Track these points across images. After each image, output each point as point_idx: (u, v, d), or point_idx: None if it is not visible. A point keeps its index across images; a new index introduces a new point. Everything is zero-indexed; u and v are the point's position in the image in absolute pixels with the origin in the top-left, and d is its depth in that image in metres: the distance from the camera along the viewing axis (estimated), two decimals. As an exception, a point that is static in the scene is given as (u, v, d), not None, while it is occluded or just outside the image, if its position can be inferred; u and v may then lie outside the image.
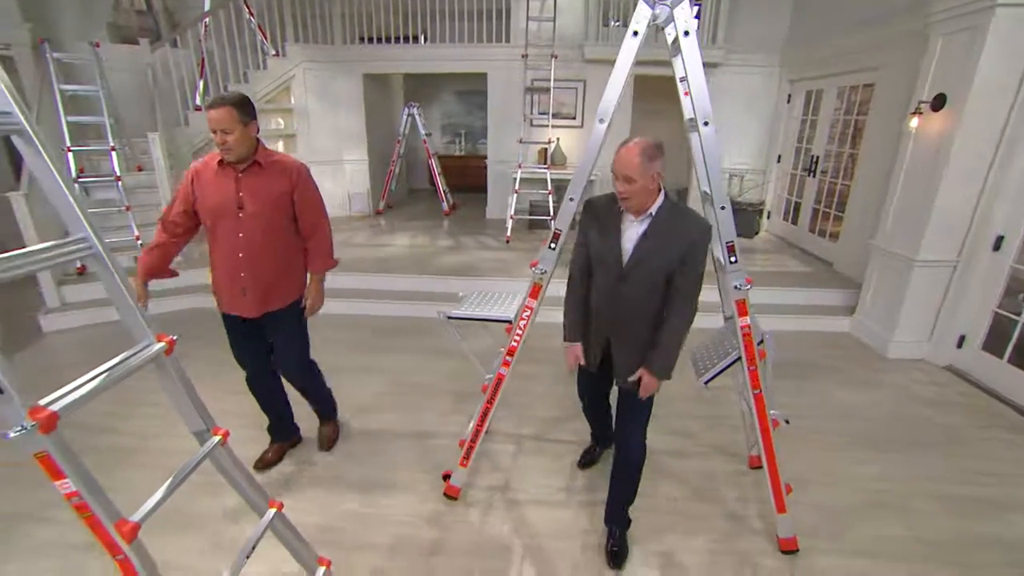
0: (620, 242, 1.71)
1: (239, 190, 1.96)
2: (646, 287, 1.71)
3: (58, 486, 1.01)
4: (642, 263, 1.68)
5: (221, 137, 1.84)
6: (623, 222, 1.72)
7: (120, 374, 1.15)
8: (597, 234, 1.76)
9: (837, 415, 2.97)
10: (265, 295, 2.10)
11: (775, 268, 4.93)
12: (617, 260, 1.71)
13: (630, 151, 1.59)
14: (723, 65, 5.87)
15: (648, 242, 1.68)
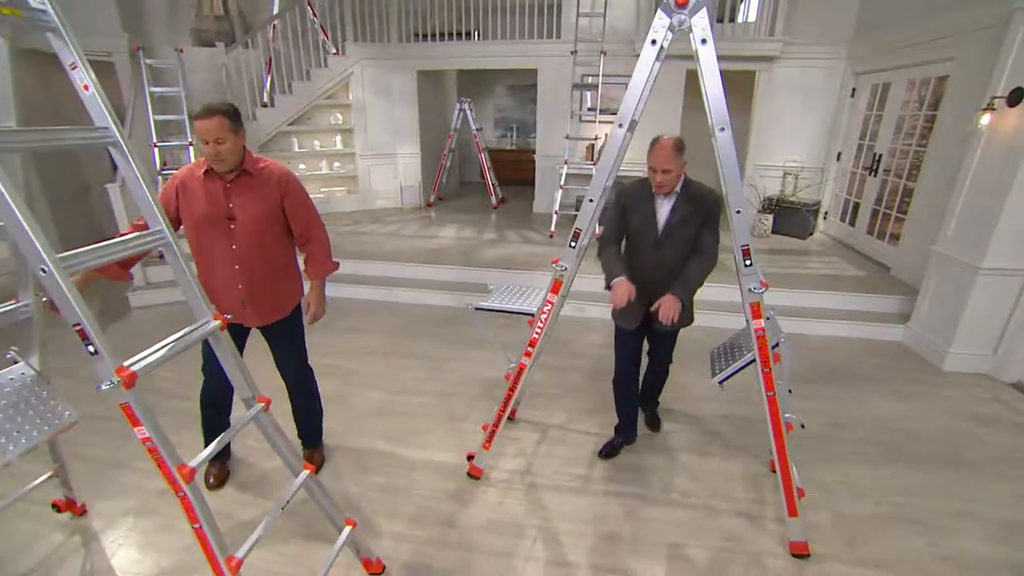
0: (656, 219, 2.17)
1: (229, 201, 1.92)
2: (677, 250, 2.18)
3: (136, 432, 1.23)
4: (674, 230, 2.16)
5: (214, 147, 1.82)
6: (655, 202, 2.18)
7: (184, 345, 1.37)
8: (635, 214, 2.20)
9: (874, 425, 2.87)
10: (268, 306, 2.10)
11: (827, 271, 4.73)
12: (654, 231, 2.18)
13: (665, 149, 2.03)
14: (781, 58, 5.62)
15: (677, 214, 2.15)
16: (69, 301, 1.13)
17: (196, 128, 1.84)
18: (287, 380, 2.34)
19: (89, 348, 1.16)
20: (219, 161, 1.86)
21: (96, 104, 1.30)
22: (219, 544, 1.31)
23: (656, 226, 2.17)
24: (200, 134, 1.83)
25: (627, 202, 2.24)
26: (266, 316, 2.12)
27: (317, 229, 2.15)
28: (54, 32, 1.26)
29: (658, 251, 2.19)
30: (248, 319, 2.10)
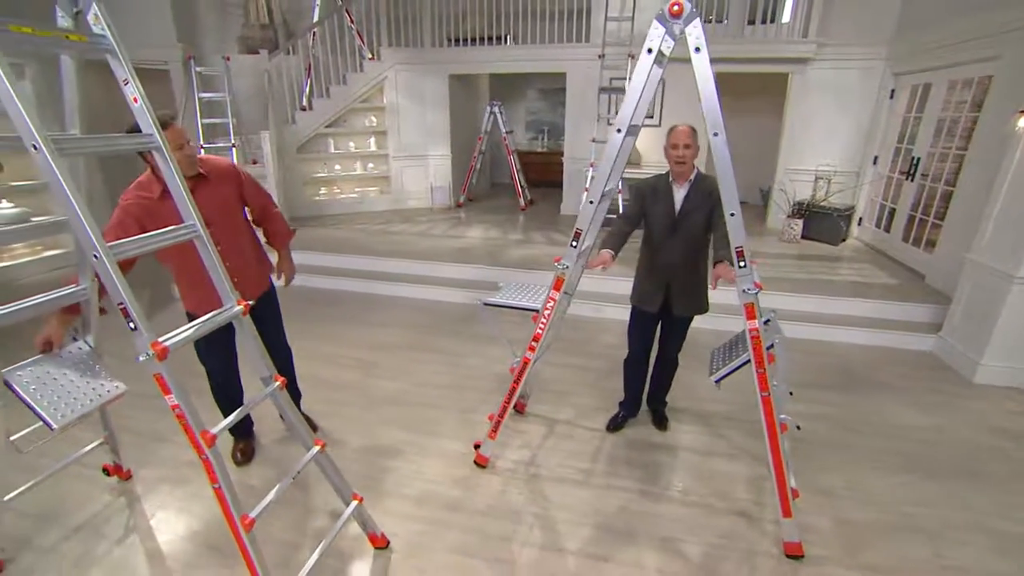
0: (673, 205, 2.37)
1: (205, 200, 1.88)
2: (692, 233, 2.36)
3: (167, 400, 1.41)
4: (687, 215, 2.34)
5: (188, 149, 1.93)
6: (672, 191, 2.38)
7: (210, 327, 1.54)
8: (653, 201, 2.41)
9: (891, 434, 2.82)
10: (254, 283, 2.26)
11: (858, 278, 4.61)
12: (671, 216, 2.38)
13: (684, 128, 2.29)
14: (814, 60, 5.50)
15: (690, 201, 2.34)
16: (115, 283, 1.31)
17: (172, 134, 1.82)
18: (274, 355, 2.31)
19: (130, 325, 1.34)
20: (191, 165, 1.96)
21: (144, 114, 1.49)
22: (235, 503, 1.47)
23: (673, 211, 2.37)
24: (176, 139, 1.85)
25: (646, 191, 2.45)
26: (255, 290, 2.28)
27: (272, 205, 2.39)
28: (111, 53, 1.46)
29: (673, 234, 2.39)
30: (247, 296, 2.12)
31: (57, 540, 2.08)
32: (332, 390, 3.19)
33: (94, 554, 2.02)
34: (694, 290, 2.49)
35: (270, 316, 2.43)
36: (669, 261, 2.42)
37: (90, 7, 1.41)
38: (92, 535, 2.11)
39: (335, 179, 6.98)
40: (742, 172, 8.17)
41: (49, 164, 1.22)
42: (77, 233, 1.28)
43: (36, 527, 2.14)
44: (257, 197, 2.29)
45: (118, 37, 1.45)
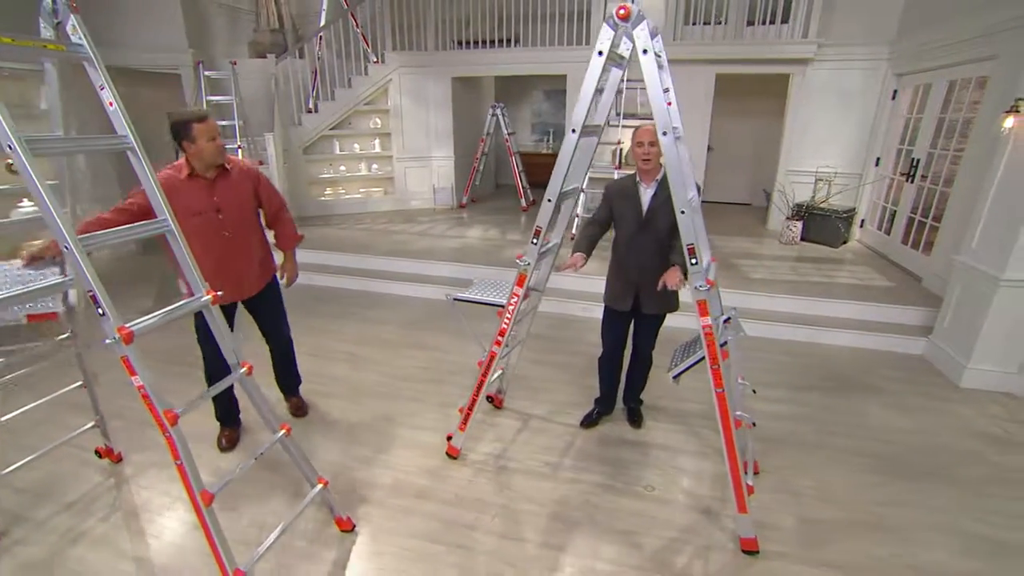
0: (640, 204, 2.40)
1: (213, 195, 2.21)
2: (659, 232, 2.38)
3: (132, 380, 1.51)
4: (655, 214, 2.37)
5: (219, 140, 2.16)
6: (639, 191, 2.41)
7: (179, 314, 1.65)
8: (621, 202, 2.45)
9: (864, 435, 2.81)
10: (256, 275, 2.46)
11: (855, 281, 4.56)
12: (638, 216, 2.41)
13: (650, 126, 2.23)
14: (815, 61, 5.46)
15: (657, 201, 2.37)
16: (84, 272, 1.42)
17: (205, 128, 2.10)
18: (274, 344, 2.74)
19: (99, 310, 1.45)
20: (220, 154, 2.18)
21: (118, 117, 1.61)
22: (195, 479, 1.57)
23: (640, 211, 2.40)
24: (210, 131, 2.13)
25: (614, 192, 2.50)
26: (257, 284, 2.49)
27: (284, 210, 2.56)
28: (88, 61, 1.57)
29: (641, 233, 2.42)
30: (247, 290, 2.46)
31: (48, 515, 2.22)
32: (319, 382, 3.29)
33: (80, 529, 2.15)
34: (664, 289, 2.52)
35: (270, 308, 2.62)
36: (638, 261, 2.46)
37: (68, 19, 1.53)
38: (81, 512, 2.24)
39: (340, 180, 7.15)
40: (745, 174, 8.26)
41: (23, 162, 1.34)
42: (49, 226, 1.39)
43: (31, 503, 2.28)
44: (271, 200, 2.47)
45: (94, 46, 1.56)
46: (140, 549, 2.06)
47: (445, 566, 1.99)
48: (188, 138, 2.11)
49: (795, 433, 2.83)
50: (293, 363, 2.90)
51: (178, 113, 2.13)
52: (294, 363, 2.91)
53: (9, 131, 1.33)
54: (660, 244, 2.42)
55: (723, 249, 5.41)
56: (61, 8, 1.54)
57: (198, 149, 2.12)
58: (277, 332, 2.72)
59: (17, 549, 2.06)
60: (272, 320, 2.66)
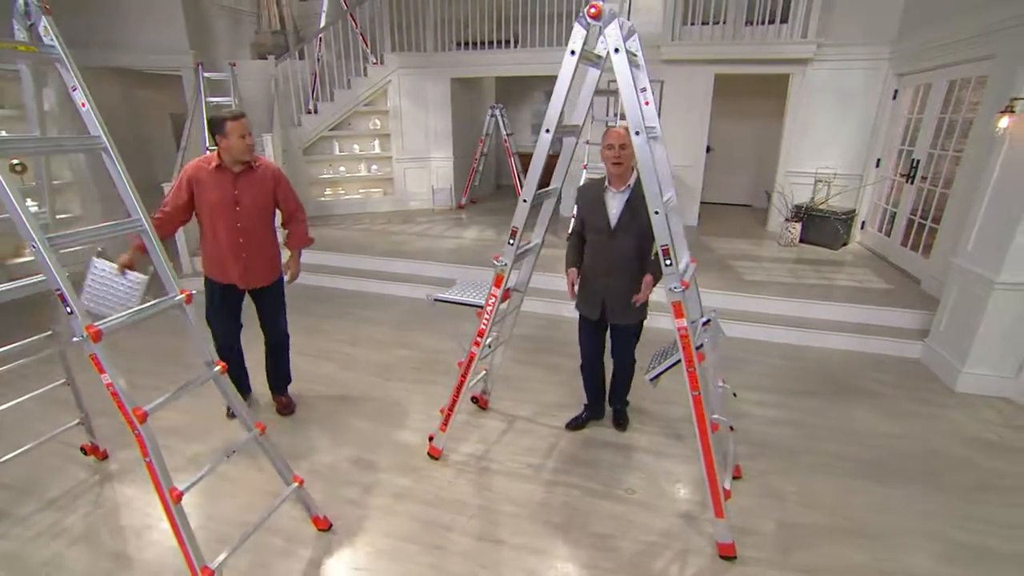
0: (607, 211, 2.30)
1: (235, 189, 2.42)
2: (628, 243, 2.27)
3: (103, 379, 1.52)
4: (624, 224, 2.26)
5: (250, 139, 2.36)
6: (607, 195, 2.31)
7: (150, 312, 1.66)
8: (591, 210, 2.34)
9: (853, 440, 2.77)
10: (264, 270, 2.62)
11: (852, 283, 4.51)
12: (606, 223, 2.30)
13: (618, 129, 2.17)
14: (815, 61, 5.41)
15: (628, 208, 2.26)
16: (51, 271, 1.43)
17: (237, 125, 2.31)
18: (269, 336, 2.84)
19: (67, 309, 1.46)
20: (247, 152, 2.38)
21: (91, 118, 1.63)
22: (164, 476, 1.57)
23: (608, 219, 2.29)
24: (241, 129, 2.32)
25: (582, 199, 2.41)
26: (263, 279, 2.65)
27: (300, 212, 2.69)
28: (60, 62, 1.59)
29: (611, 242, 2.31)
30: (250, 282, 2.62)
31: (31, 511, 2.25)
32: (308, 381, 3.30)
33: (62, 525, 2.17)
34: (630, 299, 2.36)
35: (272, 303, 2.78)
36: (604, 270, 2.37)
37: (40, 20, 1.55)
38: (63, 508, 2.27)
39: (340, 180, 7.19)
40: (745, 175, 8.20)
41: (-11, 162, 1.35)
42: (16, 224, 1.41)
43: (14, 498, 2.31)
44: (288, 201, 2.63)
45: (66, 48, 1.58)
46: (120, 545, 2.08)
47: (419, 566, 1.99)
48: (221, 133, 2.33)
49: (782, 437, 2.80)
50: (286, 360, 2.97)
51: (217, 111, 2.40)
52: (287, 360, 2.97)
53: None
54: (630, 254, 2.30)
55: (719, 251, 5.38)
56: (33, 10, 1.56)
57: (228, 144, 2.34)
58: (275, 326, 2.83)
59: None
60: (272, 314, 2.80)
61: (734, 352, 3.74)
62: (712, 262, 4.98)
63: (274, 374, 2.96)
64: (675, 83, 5.99)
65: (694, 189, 6.37)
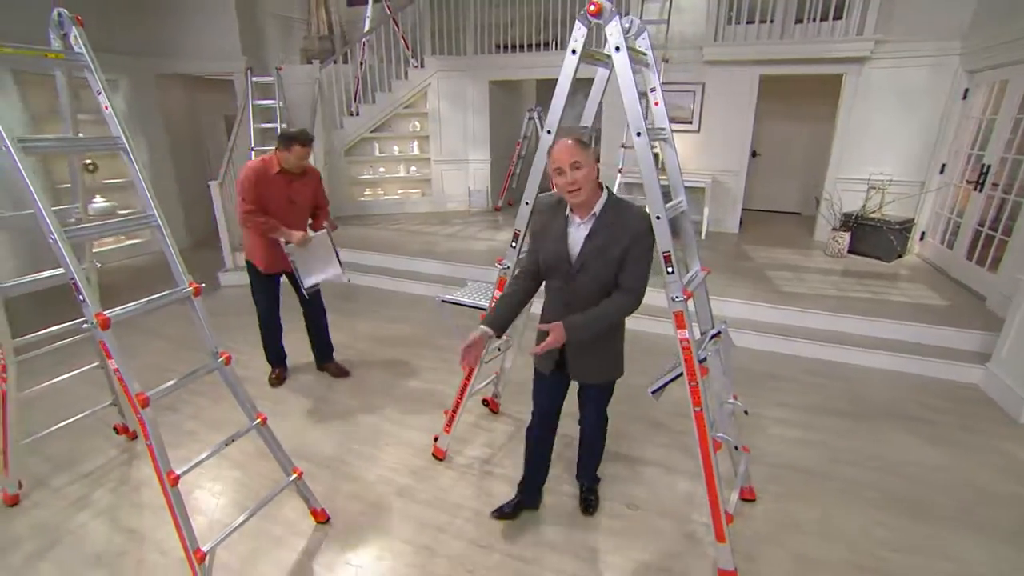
0: (567, 246, 1.74)
1: (290, 190, 2.88)
2: (594, 287, 1.73)
3: (110, 364, 1.62)
4: (588, 264, 1.71)
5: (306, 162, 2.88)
6: (570, 225, 1.76)
7: (159, 303, 1.75)
8: (543, 237, 1.82)
9: (885, 468, 2.55)
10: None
11: (904, 299, 4.16)
12: (566, 260, 1.75)
13: (565, 142, 1.64)
14: (872, 59, 5.04)
15: (593, 242, 1.70)
16: (67, 261, 1.54)
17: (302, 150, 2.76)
18: (310, 310, 3.27)
19: (79, 297, 1.57)
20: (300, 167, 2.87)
21: (113, 120, 1.74)
22: (163, 460, 1.66)
23: (568, 254, 1.74)
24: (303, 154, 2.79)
25: (537, 224, 1.87)
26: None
27: (325, 204, 3.19)
28: (87, 68, 1.71)
29: (571, 284, 1.75)
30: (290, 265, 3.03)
31: (65, 483, 2.43)
32: (326, 376, 3.41)
33: (90, 498, 2.34)
34: (599, 350, 1.86)
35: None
36: (564, 315, 1.74)
37: (71, 30, 1.67)
38: (93, 483, 2.44)
39: (379, 181, 7.39)
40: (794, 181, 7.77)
41: (14, 160, 1.47)
42: (38, 218, 1.52)
43: (52, 470, 2.51)
44: (321, 197, 3.14)
45: (93, 55, 1.70)
46: (135, 522, 2.21)
47: (406, 566, 1.99)
48: (287, 147, 2.75)
49: (804, 459, 2.62)
50: (326, 330, 3.40)
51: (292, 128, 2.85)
52: (327, 330, 3.40)
53: (3, 132, 1.47)
54: (597, 296, 1.74)
55: (759, 260, 5.11)
56: (66, 21, 1.68)
57: (287, 157, 2.78)
58: (316, 301, 3.25)
59: (34, 511, 2.27)
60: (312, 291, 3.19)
61: (760, 366, 3.55)
62: (749, 271, 4.74)
63: (319, 344, 3.40)
64: (717, 85, 5.76)
65: (736, 195, 6.10)
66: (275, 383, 3.31)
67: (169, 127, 6.11)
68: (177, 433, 2.80)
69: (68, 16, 1.69)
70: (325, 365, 3.46)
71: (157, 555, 2.03)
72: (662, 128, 1.94)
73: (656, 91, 1.93)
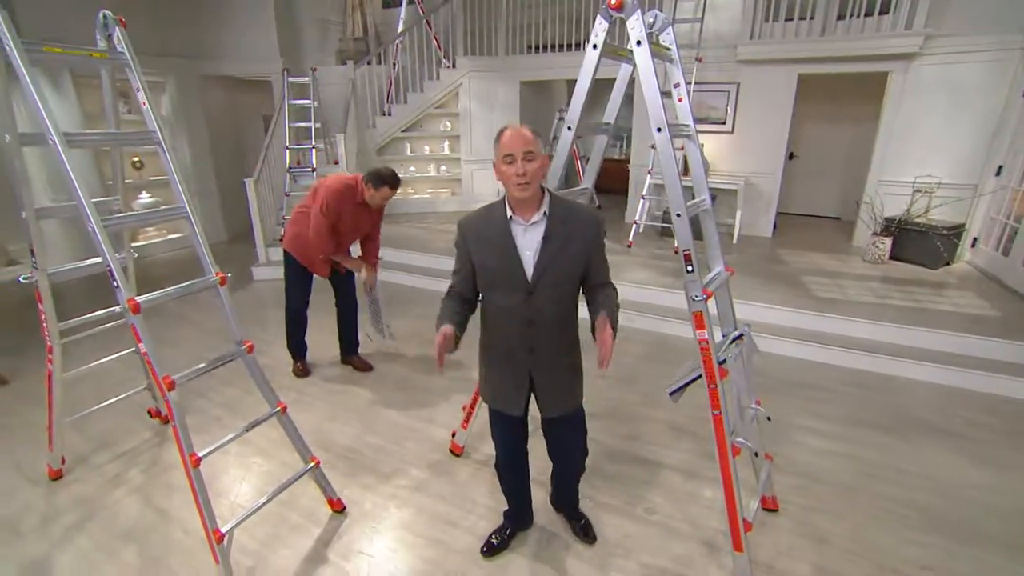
0: (517, 253, 1.52)
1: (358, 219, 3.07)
2: (558, 295, 1.56)
3: (140, 347, 1.70)
4: (551, 268, 1.52)
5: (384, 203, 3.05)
6: (514, 231, 1.53)
7: (185, 291, 1.82)
8: (486, 252, 1.56)
9: (926, 487, 2.41)
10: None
11: (950, 307, 3.94)
12: (521, 274, 1.53)
13: (519, 129, 1.50)
14: (921, 55, 4.79)
15: (551, 244, 1.51)
16: (103, 248, 1.62)
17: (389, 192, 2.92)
18: (345, 306, 3.43)
19: (113, 283, 1.65)
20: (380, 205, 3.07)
21: (149, 115, 1.82)
22: (187, 442, 1.72)
23: (522, 267, 1.53)
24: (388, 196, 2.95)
25: (471, 238, 1.58)
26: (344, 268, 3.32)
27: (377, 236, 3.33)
28: (128, 67, 1.80)
29: (530, 301, 1.53)
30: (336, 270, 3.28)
31: (104, 460, 2.57)
32: (350, 371, 3.49)
33: (125, 476, 2.46)
34: (568, 375, 1.72)
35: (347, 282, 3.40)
36: (526, 343, 1.58)
37: (115, 31, 1.77)
38: (129, 462, 2.56)
39: (410, 180, 7.49)
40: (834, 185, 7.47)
41: (59, 152, 1.56)
42: (79, 208, 1.61)
43: (94, 448, 2.65)
44: (377, 227, 3.28)
45: (133, 54, 1.79)
46: (164, 501, 2.31)
47: (418, 558, 2.01)
48: (377, 187, 2.91)
49: (835, 472, 2.50)
50: (356, 324, 3.51)
51: (385, 169, 2.95)
52: (356, 324, 3.51)
53: (51, 127, 1.56)
54: (561, 312, 1.58)
55: (793, 264, 4.93)
56: (110, 23, 1.78)
57: (371, 195, 2.94)
58: (350, 297, 3.42)
59: (74, 486, 2.40)
60: (345, 285, 3.40)
61: (793, 374, 3.42)
62: (782, 276, 4.58)
63: (346, 337, 3.51)
64: (753, 85, 5.60)
65: (770, 198, 5.91)
66: (300, 374, 3.42)
67: (210, 127, 6.38)
68: (205, 419, 2.91)
69: (112, 18, 1.78)
70: (349, 359, 3.54)
71: (181, 534, 2.11)
72: (686, 125, 1.90)
73: (680, 87, 1.88)
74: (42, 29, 4.59)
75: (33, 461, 2.53)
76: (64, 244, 5.08)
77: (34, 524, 2.18)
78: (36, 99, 1.54)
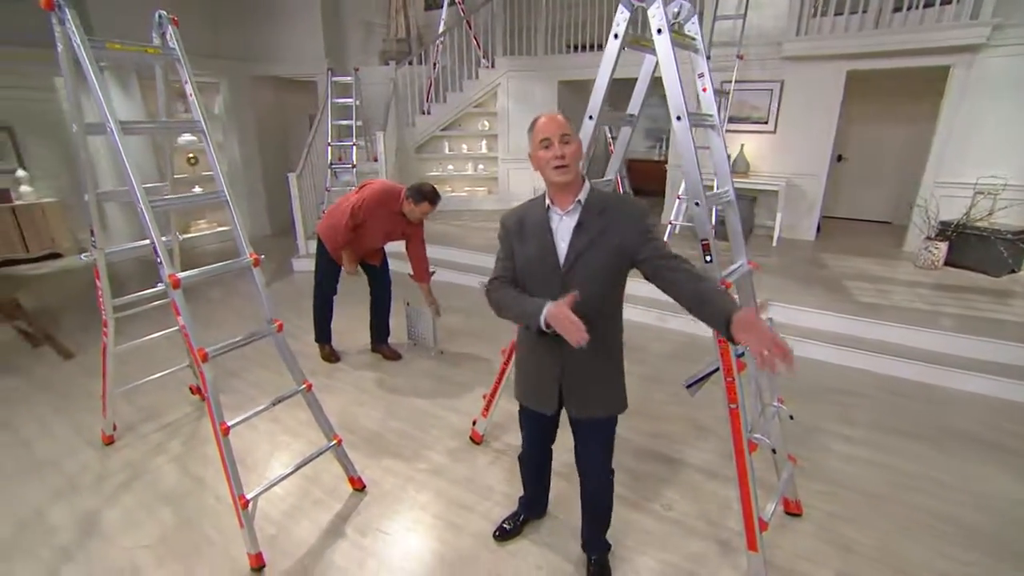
0: (553, 241, 1.50)
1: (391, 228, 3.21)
2: (592, 287, 1.47)
3: (178, 320, 1.83)
4: (583, 256, 1.47)
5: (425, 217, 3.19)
6: (551, 218, 1.52)
7: (223, 270, 1.95)
8: (526, 242, 1.55)
9: (966, 501, 2.27)
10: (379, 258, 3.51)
11: (1012, 317, 3.68)
12: (552, 264, 1.50)
13: (553, 114, 1.50)
14: (988, 47, 4.49)
15: (585, 233, 1.47)
16: (148, 226, 1.76)
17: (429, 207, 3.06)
18: (379, 296, 3.56)
19: (157, 259, 1.78)
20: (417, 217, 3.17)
21: (195, 106, 1.95)
22: (218, 412, 1.84)
23: (555, 254, 1.50)
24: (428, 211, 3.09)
25: (513, 230, 1.59)
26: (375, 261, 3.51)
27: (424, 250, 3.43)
28: (178, 61, 1.94)
29: (561, 292, 1.42)
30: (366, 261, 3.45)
31: (150, 430, 2.76)
32: (379, 359, 3.60)
33: (167, 446, 2.64)
34: (602, 378, 1.62)
35: (382, 273, 3.56)
36: (557, 339, 1.44)
37: (168, 29, 1.91)
38: (171, 433, 2.75)
39: (448, 178, 7.63)
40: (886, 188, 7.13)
41: (114, 139, 1.71)
42: (130, 190, 1.75)
43: (142, 418, 2.86)
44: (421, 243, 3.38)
45: (183, 50, 1.93)
46: (200, 470, 2.46)
47: (432, 540, 2.06)
48: (418, 202, 3.05)
49: (865, 480, 2.39)
50: (388, 313, 3.63)
51: (427, 185, 3.07)
52: (389, 313, 3.63)
53: (109, 116, 1.70)
54: (595, 303, 1.47)
55: (836, 268, 4.72)
56: (164, 21, 1.92)
57: (411, 209, 3.09)
58: (384, 287, 3.58)
59: (124, 451, 2.60)
60: (382, 276, 3.56)
61: (827, 379, 3.29)
62: (821, 279, 4.39)
63: (378, 325, 3.61)
64: (797, 83, 5.40)
65: (813, 200, 5.67)
66: (330, 359, 3.55)
67: (259, 126, 6.72)
68: (237, 396, 3.07)
69: (166, 17, 1.93)
70: (379, 347, 3.65)
71: (214, 500, 2.25)
72: (709, 115, 1.88)
73: (704, 76, 1.87)
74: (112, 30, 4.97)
75: (91, 427, 2.75)
76: (125, 230, 5.48)
77: (89, 482, 2.38)
78: (98, 90, 1.68)
